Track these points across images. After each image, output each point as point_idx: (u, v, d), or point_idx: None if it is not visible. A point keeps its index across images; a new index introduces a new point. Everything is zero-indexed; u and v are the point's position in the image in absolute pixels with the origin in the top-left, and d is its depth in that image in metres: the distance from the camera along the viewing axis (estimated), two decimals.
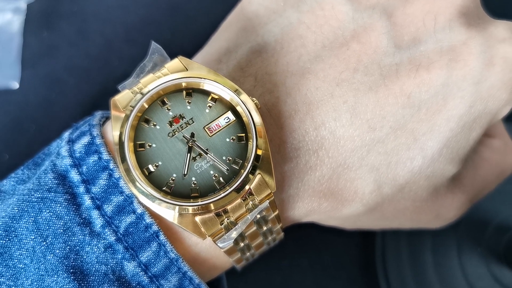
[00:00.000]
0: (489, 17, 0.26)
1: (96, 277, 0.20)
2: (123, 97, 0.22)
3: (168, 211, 0.21)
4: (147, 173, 0.21)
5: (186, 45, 0.38)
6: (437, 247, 0.34)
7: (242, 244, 0.24)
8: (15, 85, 0.37)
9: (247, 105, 0.22)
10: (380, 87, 0.23)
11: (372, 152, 0.24)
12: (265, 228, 0.24)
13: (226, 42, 0.26)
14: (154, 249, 0.21)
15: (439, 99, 0.24)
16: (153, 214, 0.22)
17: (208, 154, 0.22)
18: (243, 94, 0.22)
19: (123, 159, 0.21)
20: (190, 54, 0.27)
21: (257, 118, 0.22)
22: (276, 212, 0.23)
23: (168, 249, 0.21)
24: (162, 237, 0.21)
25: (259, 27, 0.25)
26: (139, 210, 0.21)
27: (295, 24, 0.25)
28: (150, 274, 0.21)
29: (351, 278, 0.35)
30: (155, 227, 0.21)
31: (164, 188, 0.21)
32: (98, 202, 0.21)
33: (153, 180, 0.21)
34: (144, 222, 0.21)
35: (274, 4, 0.26)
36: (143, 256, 0.21)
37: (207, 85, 0.22)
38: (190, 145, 0.21)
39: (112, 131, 0.21)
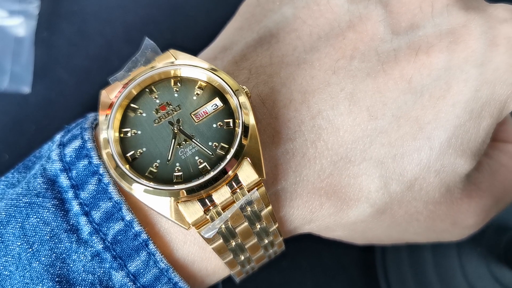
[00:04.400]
0: (485, 2, 0.25)
1: (83, 287, 0.20)
2: (112, 89, 0.22)
3: (164, 200, 0.20)
4: (131, 160, 0.21)
5: (187, 45, 0.38)
6: (437, 247, 0.34)
7: (233, 243, 0.23)
8: (26, 90, 0.37)
9: (231, 87, 0.22)
10: (379, 72, 0.23)
11: (375, 144, 0.22)
12: (258, 226, 0.23)
13: (222, 41, 0.26)
14: (143, 259, 0.21)
15: (442, 83, 0.22)
16: (141, 218, 0.21)
17: (193, 140, 0.21)
18: (221, 72, 0.22)
19: (116, 165, 0.21)
20: (190, 53, 0.26)
21: (243, 100, 0.22)
22: (270, 207, 0.22)
23: (158, 259, 0.21)
24: (151, 246, 0.21)
25: (254, 25, 0.25)
26: (128, 217, 0.21)
27: (290, 19, 0.24)
28: (139, 284, 0.21)
29: (351, 278, 0.35)
30: (144, 235, 0.21)
31: (146, 174, 0.21)
32: (86, 208, 0.21)
33: (137, 166, 0.21)
34: (133, 230, 0.21)
35: (270, 4, 0.26)
36: (131, 266, 0.21)
37: (184, 71, 0.22)
38: (176, 131, 0.21)
39: (100, 135, 0.21)
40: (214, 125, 0.22)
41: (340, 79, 0.23)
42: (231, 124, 0.22)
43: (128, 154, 0.21)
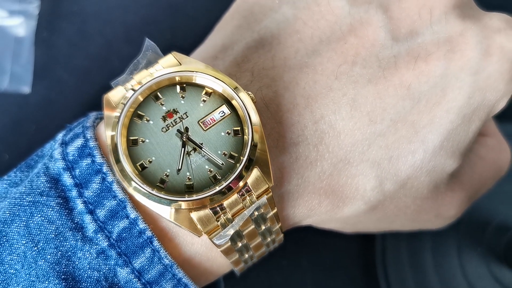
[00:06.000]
0: (481, 10, 0.26)
1: (88, 284, 0.20)
2: (115, 93, 0.22)
3: (164, 208, 0.20)
4: (140, 169, 0.21)
5: (186, 44, 0.38)
6: (437, 247, 0.34)
7: (240, 244, 0.23)
8: (26, 90, 0.37)
9: (240, 96, 0.22)
10: (380, 79, 0.23)
11: (373, 146, 0.23)
12: (263, 227, 0.23)
13: (222, 39, 0.25)
14: (147, 255, 0.21)
15: (438, 90, 0.23)
16: (146, 218, 0.21)
17: (203, 149, 0.21)
18: (238, 86, 0.22)
19: (117, 160, 0.21)
20: (190, 54, 0.26)
21: (252, 109, 0.21)
22: (275, 210, 0.23)
23: (162, 255, 0.21)
24: (156, 243, 0.21)
25: (254, 24, 0.25)
26: (133, 215, 0.21)
27: (291, 20, 0.24)
28: (143, 280, 0.21)
29: (351, 278, 0.35)
30: (148, 233, 0.21)
31: (158, 184, 0.21)
32: (90, 207, 0.21)
33: (147, 176, 0.21)
34: (137, 228, 0.21)
35: (269, 2, 0.26)
36: (136, 263, 0.21)
37: (199, 78, 0.22)
38: (184, 139, 0.21)
39: (105, 132, 0.21)
40: (223, 133, 0.22)
41: (342, 84, 0.23)
42: (240, 132, 0.22)
43: (138, 163, 0.21)
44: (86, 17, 0.39)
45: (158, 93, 0.22)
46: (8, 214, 0.21)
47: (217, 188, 0.20)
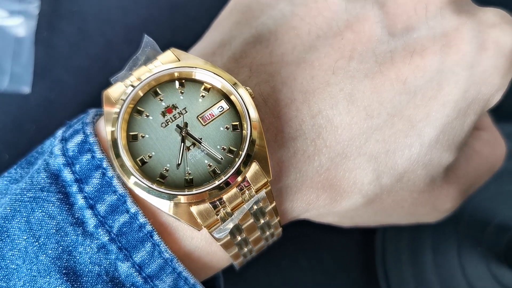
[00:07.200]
0: (476, 5, 0.26)
1: (89, 278, 0.20)
2: (115, 89, 0.22)
3: (164, 202, 0.21)
4: (140, 164, 0.21)
5: (187, 44, 0.38)
6: (437, 247, 0.34)
7: (239, 238, 0.23)
8: (26, 90, 0.37)
9: (239, 92, 0.22)
10: (376, 74, 0.23)
11: (370, 140, 0.24)
12: (262, 221, 0.24)
13: (220, 35, 0.26)
14: (148, 249, 0.21)
15: (434, 84, 0.24)
16: (146, 212, 0.21)
17: (202, 143, 0.21)
18: (237, 82, 0.22)
19: (117, 155, 0.21)
20: (188, 50, 0.26)
21: (250, 104, 0.22)
22: (274, 204, 0.23)
23: (163, 249, 0.21)
24: (156, 237, 0.21)
25: (252, 20, 0.25)
26: (133, 210, 0.21)
27: (288, 16, 0.25)
28: (144, 274, 0.21)
29: (351, 278, 0.35)
30: (149, 227, 0.21)
31: (158, 179, 0.21)
32: (91, 202, 0.21)
33: (147, 171, 0.21)
34: (137, 222, 0.21)
35: None
36: (137, 257, 0.21)
37: (198, 74, 0.22)
38: (184, 134, 0.21)
39: (105, 127, 0.21)
40: (221, 128, 0.22)
41: (339, 79, 0.23)
42: (238, 127, 0.22)
43: (138, 158, 0.21)
44: (86, 17, 0.39)
45: (157, 89, 0.22)
46: (9, 210, 0.21)
47: (216, 183, 0.21)
